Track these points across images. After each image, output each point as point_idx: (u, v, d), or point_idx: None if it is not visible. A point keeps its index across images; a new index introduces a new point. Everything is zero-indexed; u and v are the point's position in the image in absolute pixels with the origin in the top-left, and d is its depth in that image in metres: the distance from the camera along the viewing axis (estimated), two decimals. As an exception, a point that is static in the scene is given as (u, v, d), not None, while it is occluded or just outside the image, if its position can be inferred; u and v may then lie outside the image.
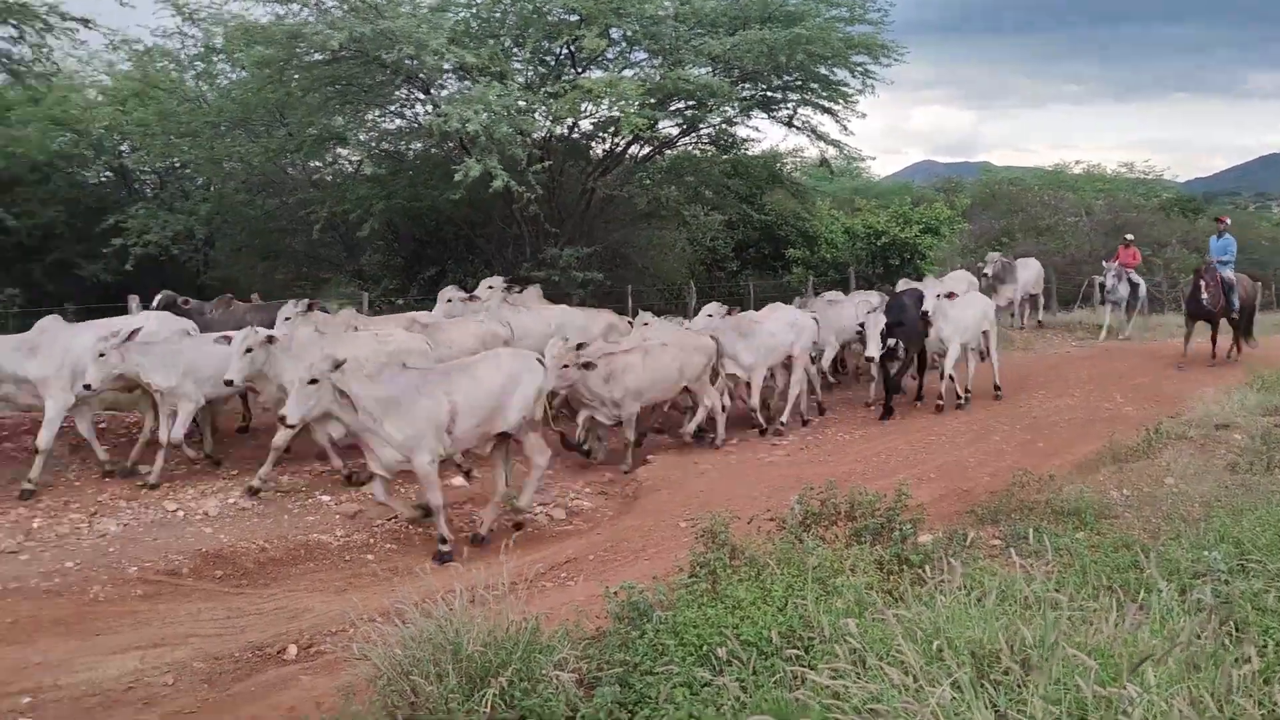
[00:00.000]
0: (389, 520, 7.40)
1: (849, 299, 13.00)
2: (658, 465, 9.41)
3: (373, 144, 15.13)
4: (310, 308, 9.75)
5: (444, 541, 6.77)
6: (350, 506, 7.69)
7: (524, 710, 3.73)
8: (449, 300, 11.13)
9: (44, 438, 7.83)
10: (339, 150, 15.65)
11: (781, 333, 10.83)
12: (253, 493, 7.86)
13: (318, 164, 16.19)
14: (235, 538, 6.91)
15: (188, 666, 5.19)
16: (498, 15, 14.06)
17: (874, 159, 69.97)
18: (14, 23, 13.45)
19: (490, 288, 11.42)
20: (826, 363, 12.44)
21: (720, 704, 3.56)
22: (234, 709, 4.83)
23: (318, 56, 12.85)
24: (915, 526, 5.17)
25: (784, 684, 3.61)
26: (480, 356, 7.79)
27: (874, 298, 12.33)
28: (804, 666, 3.58)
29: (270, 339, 7.94)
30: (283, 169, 15.74)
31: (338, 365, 6.42)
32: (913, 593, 4.18)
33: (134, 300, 10.71)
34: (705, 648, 3.91)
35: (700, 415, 9.98)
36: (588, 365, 8.73)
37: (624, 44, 14.82)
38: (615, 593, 4.35)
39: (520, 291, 11.71)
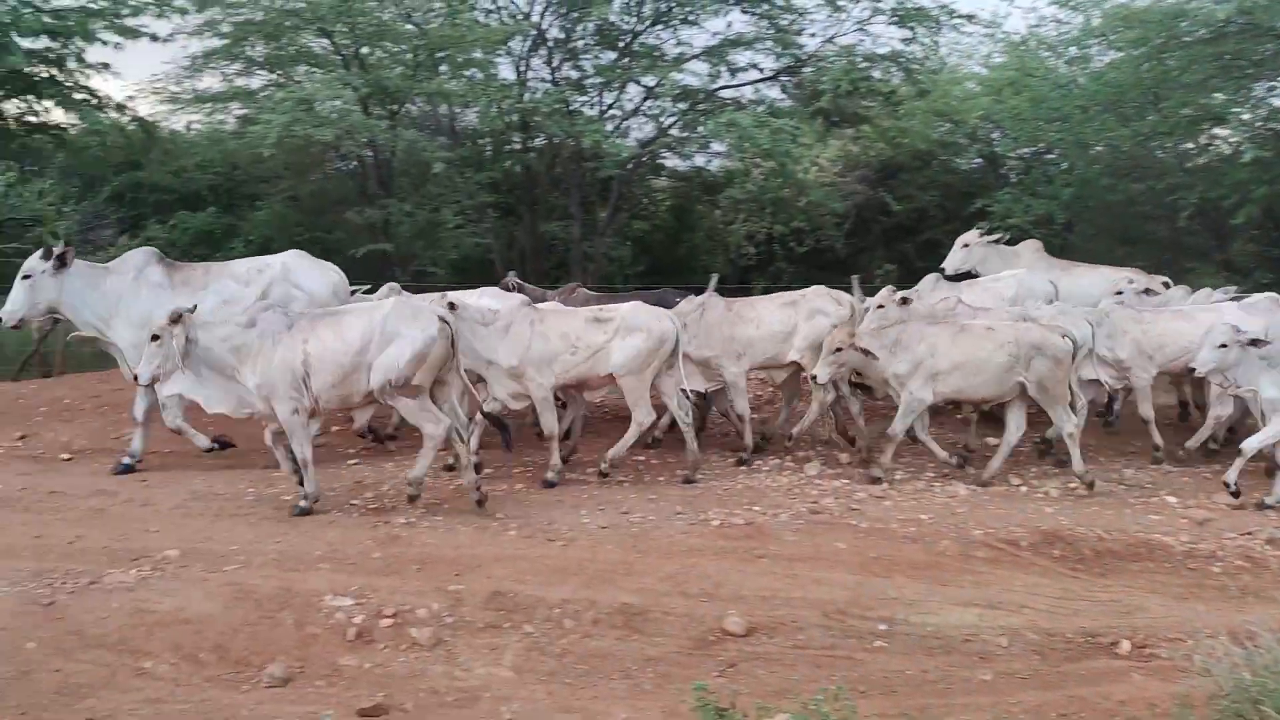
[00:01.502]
0: (1242, 535, 6.85)
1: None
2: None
3: (1257, 123, 13.80)
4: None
5: (305, 499, 7.01)
6: (1200, 513, 7.27)
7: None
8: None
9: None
10: (1214, 132, 14.58)
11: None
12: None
13: (1189, 146, 15.27)
14: (1074, 522, 7.00)
15: (1020, 634, 5.46)
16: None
17: None
18: (911, 25, 15.06)
19: None
20: None
21: None
22: (1062, 685, 4.98)
23: (1201, 33, 12.13)
24: None
25: None
26: (357, 306, 7.63)
27: None
28: None
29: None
30: (1151, 152, 15.16)
31: (175, 319, 6.76)
32: None
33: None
34: None
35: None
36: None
37: None
38: None
39: None
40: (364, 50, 12.88)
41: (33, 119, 13.36)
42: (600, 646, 5.41)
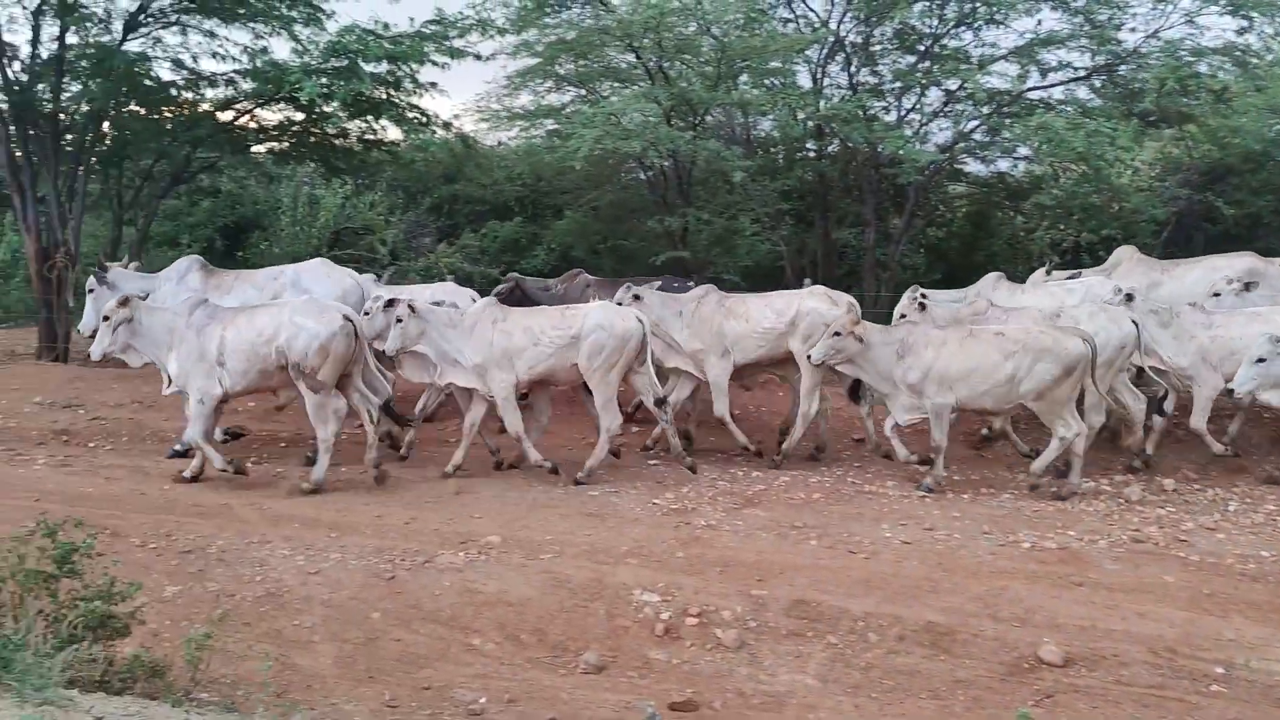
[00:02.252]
0: None
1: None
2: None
3: None
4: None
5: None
6: None
7: None
8: None
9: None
10: None
11: None
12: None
13: None
14: None
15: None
16: None
17: None
18: (1247, 14, 13.73)
19: None
20: None
21: None
22: None
23: None
24: None
25: None
26: (273, 303, 8.40)
27: None
28: None
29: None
30: None
31: (123, 303, 7.97)
32: None
33: None
34: None
35: None
36: None
37: None
38: None
39: None
40: (666, 64, 13.25)
41: (370, 137, 14.67)
42: (907, 663, 5.31)
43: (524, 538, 6.70)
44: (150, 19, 13.24)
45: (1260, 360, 7.28)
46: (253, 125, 14.43)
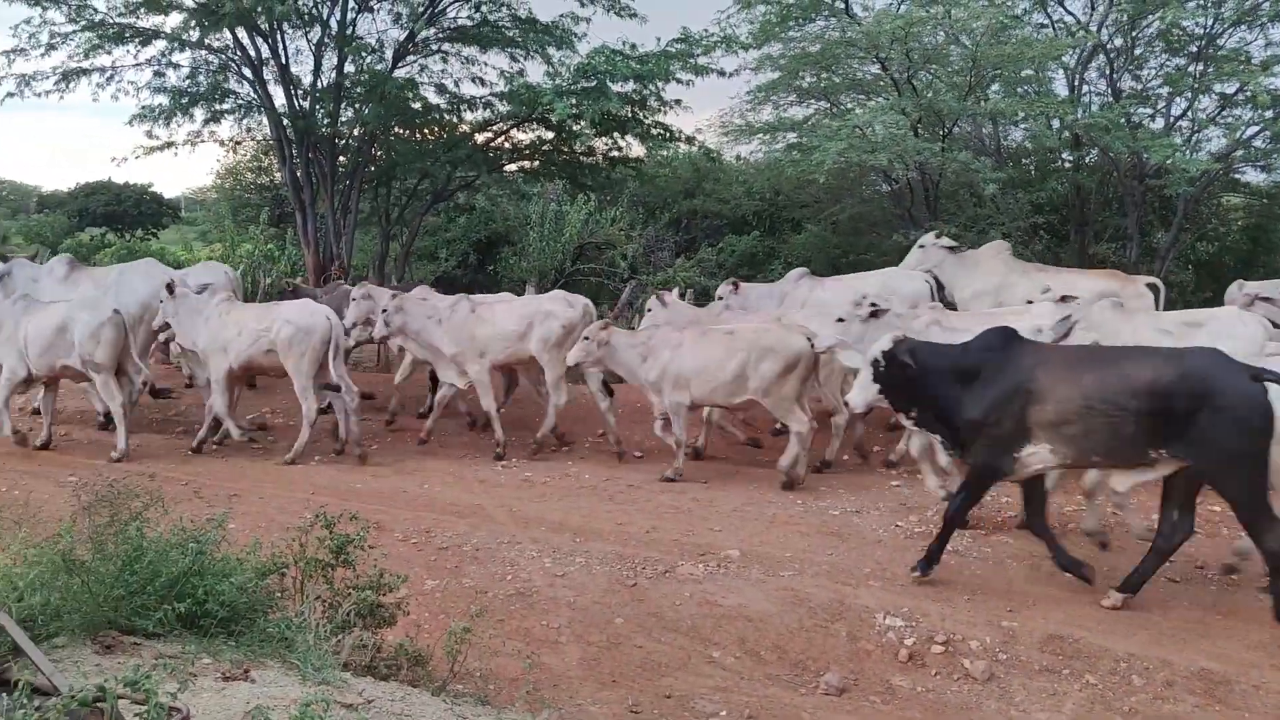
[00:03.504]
0: None
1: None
2: None
3: None
4: None
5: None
6: None
7: None
8: None
9: None
10: None
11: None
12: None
13: None
14: None
15: None
16: None
17: None
18: None
19: None
20: None
21: None
22: None
23: None
24: None
25: None
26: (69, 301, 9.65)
27: None
28: None
29: None
30: None
31: None
32: None
33: None
34: None
35: None
36: None
37: None
38: None
39: None
40: (913, 74, 12.95)
41: (616, 154, 15.12)
42: (1176, 711, 4.93)
43: (763, 553, 6.69)
44: (417, 47, 14.19)
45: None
46: (507, 145, 15.18)
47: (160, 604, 3.72)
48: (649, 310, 9.87)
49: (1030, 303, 8.38)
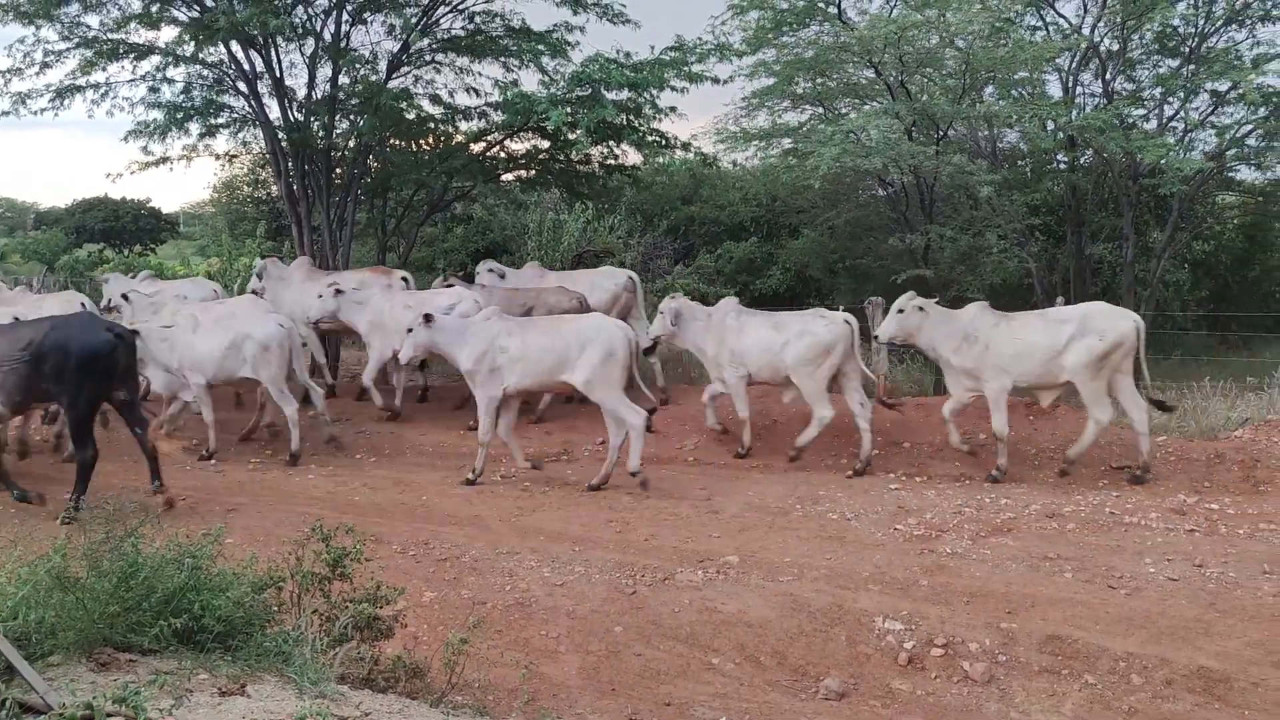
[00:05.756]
0: None
1: None
2: None
3: None
4: None
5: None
6: None
7: None
8: None
9: None
10: None
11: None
12: None
13: None
14: None
15: None
16: None
17: None
18: None
19: None
20: None
21: None
22: None
23: None
24: None
25: None
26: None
27: None
28: None
29: None
30: None
31: None
32: None
33: None
34: None
35: None
36: None
37: None
38: None
39: None
40: (907, 78, 12.96)
41: (611, 162, 15.10)
42: (1175, 710, 4.94)
43: (762, 559, 6.68)
44: (411, 59, 14.20)
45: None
46: (502, 155, 15.18)
47: (156, 620, 3.72)
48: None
49: None
